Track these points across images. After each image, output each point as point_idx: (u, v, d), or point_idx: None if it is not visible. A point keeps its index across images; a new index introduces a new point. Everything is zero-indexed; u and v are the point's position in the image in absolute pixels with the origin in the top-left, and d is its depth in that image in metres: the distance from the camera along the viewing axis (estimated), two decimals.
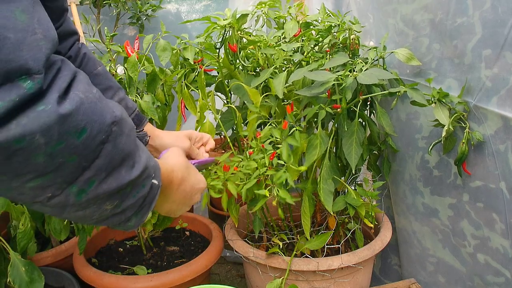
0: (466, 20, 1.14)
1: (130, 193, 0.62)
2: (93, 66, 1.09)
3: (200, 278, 1.54)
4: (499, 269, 1.26)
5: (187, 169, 0.86)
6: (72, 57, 1.04)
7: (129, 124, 0.62)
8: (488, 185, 1.22)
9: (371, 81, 1.14)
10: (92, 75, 1.07)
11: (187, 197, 0.86)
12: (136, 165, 0.62)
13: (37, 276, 1.36)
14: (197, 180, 0.89)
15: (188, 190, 0.85)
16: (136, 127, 1.11)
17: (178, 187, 0.81)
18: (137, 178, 0.61)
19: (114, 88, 1.11)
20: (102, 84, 1.08)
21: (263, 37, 1.47)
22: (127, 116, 0.62)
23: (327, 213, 1.49)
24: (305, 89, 1.24)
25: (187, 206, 0.89)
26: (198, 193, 0.90)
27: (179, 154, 0.88)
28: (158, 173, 0.69)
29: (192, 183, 0.86)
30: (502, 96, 1.11)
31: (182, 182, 0.82)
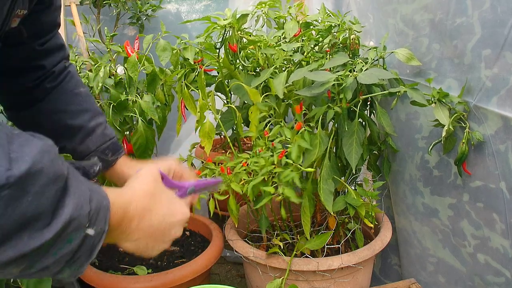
0: (466, 20, 1.14)
1: (47, 253, 0.52)
2: (75, 85, 1.04)
3: (200, 278, 1.54)
4: (499, 269, 1.26)
5: (153, 196, 0.71)
6: (55, 72, 1.00)
7: (47, 175, 0.50)
8: (488, 185, 1.22)
9: (371, 81, 1.14)
10: (72, 94, 1.02)
11: (158, 233, 0.71)
12: (53, 223, 0.51)
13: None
14: (170, 211, 0.73)
15: (157, 224, 0.70)
16: (109, 154, 1.03)
17: (139, 222, 0.67)
18: (54, 237, 0.51)
19: (92, 111, 1.04)
20: (80, 105, 1.03)
21: (263, 37, 1.47)
22: (48, 162, 0.51)
23: (327, 213, 1.49)
24: (305, 89, 1.24)
25: (162, 244, 0.74)
26: (175, 227, 0.75)
27: (146, 177, 0.73)
28: (103, 215, 0.58)
29: (162, 214, 0.71)
30: (502, 96, 1.11)
31: (144, 214, 0.68)
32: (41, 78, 0.99)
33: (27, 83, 0.98)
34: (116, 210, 0.62)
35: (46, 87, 0.99)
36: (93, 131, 1.02)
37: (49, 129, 0.99)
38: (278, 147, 1.20)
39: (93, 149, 1.02)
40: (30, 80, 0.98)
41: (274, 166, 1.17)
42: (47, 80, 1.00)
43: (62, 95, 1.01)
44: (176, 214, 0.75)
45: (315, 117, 1.27)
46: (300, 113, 1.24)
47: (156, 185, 0.73)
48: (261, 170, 1.19)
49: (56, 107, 1.01)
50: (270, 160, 1.18)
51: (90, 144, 1.02)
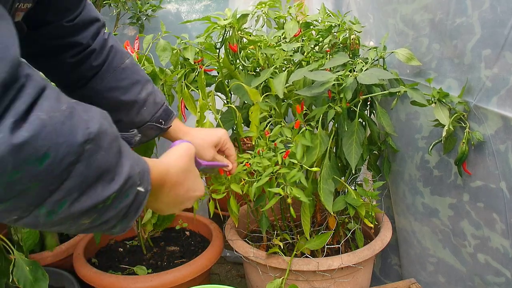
0: (466, 20, 1.14)
1: (111, 205, 0.59)
2: (120, 59, 1.05)
3: (200, 278, 1.54)
4: (500, 269, 1.26)
5: (185, 172, 0.82)
6: (96, 50, 1.00)
7: (110, 136, 0.57)
8: (489, 185, 1.22)
9: (371, 81, 1.14)
10: (119, 69, 1.03)
11: (178, 201, 0.83)
12: (116, 178, 0.58)
13: (42, 275, 1.36)
14: (194, 186, 0.85)
15: (181, 194, 0.81)
16: (163, 122, 1.09)
17: (170, 190, 0.78)
18: (118, 190, 0.58)
19: (141, 81, 1.07)
20: (129, 79, 1.04)
21: (263, 37, 1.47)
22: (108, 125, 0.58)
23: (327, 213, 1.49)
24: (306, 89, 1.24)
25: (177, 209, 0.86)
26: (191, 200, 0.86)
27: (183, 153, 0.83)
28: (147, 177, 0.66)
29: (187, 189, 0.83)
30: (502, 96, 1.11)
31: (175, 185, 0.79)
32: (82, 54, 0.99)
33: (68, 59, 0.98)
34: (155, 176, 0.70)
35: (92, 65, 1.00)
36: (145, 102, 1.06)
37: (105, 106, 0.98)
38: (280, 147, 1.20)
39: (149, 119, 1.07)
40: (70, 56, 0.98)
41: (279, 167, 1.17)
42: (91, 58, 1.00)
43: (111, 73, 1.02)
44: (196, 190, 0.85)
45: (316, 117, 1.27)
46: (300, 113, 1.24)
47: (190, 162, 0.84)
48: (264, 170, 1.19)
49: (107, 85, 1.02)
50: (273, 160, 1.18)
51: (145, 114, 1.06)
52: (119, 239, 1.85)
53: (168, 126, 1.11)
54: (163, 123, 1.10)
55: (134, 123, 1.06)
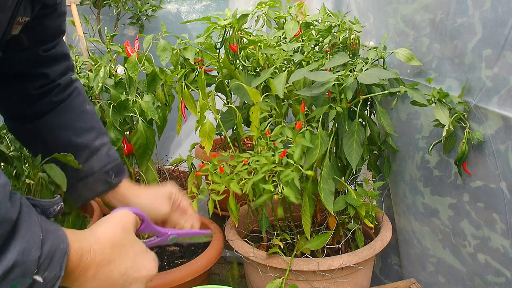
0: (467, 20, 1.14)
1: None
2: (82, 102, 1.02)
3: (200, 278, 1.54)
4: (500, 269, 1.26)
5: (117, 248, 0.65)
6: (61, 85, 0.99)
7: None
8: (489, 185, 1.22)
9: (372, 81, 1.14)
10: (79, 111, 1.01)
11: (117, 287, 0.66)
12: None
13: None
14: (136, 265, 0.68)
15: (116, 277, 0.65)
16: (113, 176, 1.00)
17: (96, 273, 0.62)
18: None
19: (98, 130, 1.02)
20: (85, 123, 1.01)
21: (263, 37, 1.47)
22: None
23: (327, 213, 1.49)
24: (306, 89, 1.24)
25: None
26: (137, 283, 0.69)
27: (117, 224, 0.68)
28: (58, 260, 0.55)
29: (124, 270, 0.66)
30: (503, 96, 1.11)
31: (102, 266, 0.63)
32: (46, 87, 0.97)
33: (32, 90, 0.96)
34: (72, 256, 0.58)
35: (52, 100, 0.98)
36: (97, 151, 1.00)
37: (53, 145, 0.97)
38: (280, 146, 1.20)
39: (97, 170, 0.99)
40: (34, 87, 0.96)
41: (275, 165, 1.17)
42: (53, 93, 0.98)
43: (69, 111, 0.99)
44: (141, 270, 0.69)
45: (316, 117, 1.27)
46: (303, 113, 1.24)
47: (124, 235, 0.68)
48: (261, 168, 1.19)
49: (61, 123, 0.98)
50: (271, 159, 1.18)
51: (94, 164, 0.99)
52: None
53: (118, 181, 1.01)
54: (113, 176, 1.00)
55: (79, 171, 0.98)
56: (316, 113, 1.27)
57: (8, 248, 0.50)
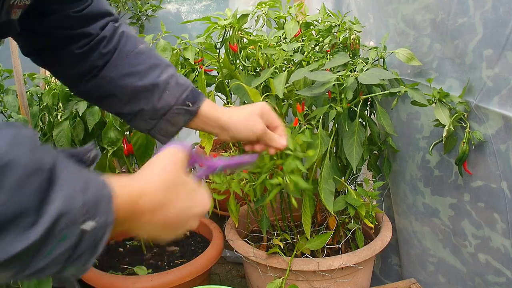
0: (467, 20, 1.14)
1: (38, 254, 0.46)
2: (133, 44, 0.96)
3: (200, 278, 1.54)
4: (500, 269, 1.26)
5: (172, 189, 0.63)
6: (106, 37, 0.93)
7: (24, 168, 0.44)
8: (489, 184, 1.22)
9: (372, 81, 1.14)
10: (133, 54, 0.95)
11: (173, 226, 0.64)
12: (39, 221, 0.45)
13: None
14: (192, 202, 0.66)
15: (173, 217, 0.63)
16: (190, 105, 0.95)
17: (153, 216, 0.60)
18: (43, 236, 0.45)
19: (160, 65, 0.96)
20: (145, 63, 0.95)
21: (263, 37, 1.47)
22: (24, 153, 0.45)
23: (328, 213, 1.49)
24: (306, 89, 1.24)
25: (175, 233, 0.67)
26: (193, 219, 0.67)
27: (166, 164, 0.65)
28: (105, 206, 0.52)
29: (180, 209, 0.64)
30: (503, 96, 1.11)
31: (158, 209, 0.60)
32: (91, 44, 0.92)
33: (77, 50, 0.92)
34: (122, 202, 0.55)
35: (102, 52, 0.93)
36: (167, 84, 0.95)
37: (122, 95, 0.93)
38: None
39: (173, 103, 0.94)
40: (78, 47, 0.92)
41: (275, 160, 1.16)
42: (101, 46, 0.93)
43: (124, 59, 0.94)
44: (196, 206, 0.67)
45: (316, 117, 1.27)
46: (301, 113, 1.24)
47: (176, 174, 0.65)
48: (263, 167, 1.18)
49: (120, 72, 0.94)
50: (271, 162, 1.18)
51: (169, 98, 0.94)
52: (119, 239, 1.85)
53: (197, 106, 0.95)
54: (191, 106, 0.95)
55: (157, 110, 0.94)
56: (317, 113, 1.27)
57: (50, 198, 0.46)
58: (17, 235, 0.43)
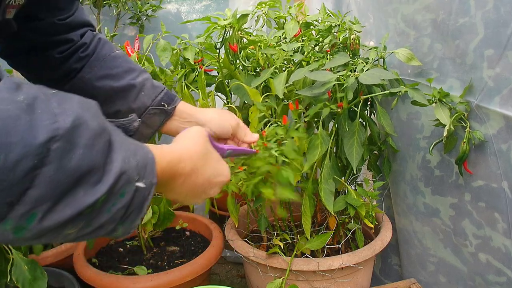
0: (468, 20, 1.14)
1: (101, 210, 0.51)
2: (109, 49, 1.01)
3: (200, 278, 1.53)
4: (501, 269, 1.26)
5: (203, 157, 0.72)
6: (86, 43, 0.98)
7: (92, 129, 0.49)
8: (490, 184, 1.22)
9: (373, 81, 1.14)
10: (110, 57, 0.99)
11: (199, 191, 0.73)
12: (104, 178, 0.49)
13: (40, 274, 1.36)
14: (217, 171, 0.75)
15: (201, 183, 0.72)
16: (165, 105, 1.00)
17: (186, 180, 0.69)
18: (108, 192, 0.50)
19: (136, 69, 1.01)
20: (121, 67, 0.99)
21: (263, 37, 1.46)
22: (90, 116, 0.49)
23: (328, 213, 1.49)
24: (306, 89, 1.24)
25: (199, 199, 0.76)
26: (215, 187, 0.76)
27: (196, 136, 0.74)
28: (150, 168, 0.58)
29: (208, 176, 0.73)
30: (504, 96, 1.11)
31: (192, 174, 0.69)
32: (71, 50, 0.97)
33: (56, 55, 0.96)
34: (163, 166, 0.62)
35: (80, 56, 0.97)
36: (143, 86, 0.99)
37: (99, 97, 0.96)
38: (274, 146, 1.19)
39: (149, 103, 0.99)
40: (58, 52, 0.96)
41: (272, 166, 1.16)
42: (80, 50, 0.97)
43: (100, 61, 0.98)
44: (220, 176, 0.76)
45: (309, 116, 1.27)
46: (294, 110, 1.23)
47: (205, 145, 0.74)
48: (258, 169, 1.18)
49: (97, 74, 0.98)
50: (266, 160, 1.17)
51: (144, 99, 0.99)
52: (119, 239, 1.85)
53: (173, 107, 1.01)
54: (166, 106, 1.00)
55: (133, 110, 0.99)
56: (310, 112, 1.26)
57: (112, 158, 0.51)
58: (87, 190, 0.47)
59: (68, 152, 0.45)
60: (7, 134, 0.41)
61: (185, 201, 0.76)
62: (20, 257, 1.36)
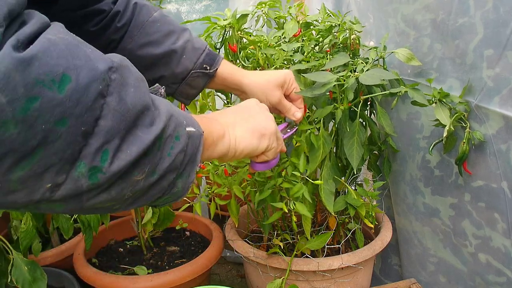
0: (468, 20, 1.14)
1: (162, 152, 0.51)
2: (146, 14, 0.98)
3: (200, 278, 1.53)
4: (501, 269, 1.26)
5: (244, 109, 0.77)
6: (120, 11, 0.95)
7: (135, 73, 0.50)
8: (490, 184, 1.22)
9: (373, 81, 1.14)
10: (147, 24, 0.97)
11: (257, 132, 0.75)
12: (156, 119, 0.50)
13: (40, 275, 1.36)
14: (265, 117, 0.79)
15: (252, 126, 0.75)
16: (208, 67, 1.01)
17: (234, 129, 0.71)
18: (162, 131, 0.50)
19: (176, 31, 0.99)
20: (160, 31, 0.98)
21: (263, 37, 1.46)
22: (131, 64, 0.50)
23: (328, 213, 1.49)
24: (307, 90, 1.24)
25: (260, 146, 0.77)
26: (265, 137, 0.78)
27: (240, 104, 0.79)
28: (190, 119, 0.58)
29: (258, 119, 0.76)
30: (504, 96, 1.11)
31: (235, 123, 0.73)
32: (105, 21, 0.94)
33: (92, 28, 0.93)
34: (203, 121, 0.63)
35: (117, 26, 0.95)
36: (184, 49, 0.99)
37: (142, 65, 0.93)
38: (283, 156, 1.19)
39: (191, 67, 1.00)
40: (93, 25, 0.93)
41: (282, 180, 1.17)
42: (116, 20, 0.95)
43: (139, 29, 0.97)
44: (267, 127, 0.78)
45: (318, 118, 1.27)
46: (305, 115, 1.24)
47: (251, 102, 0.80)
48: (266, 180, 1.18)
49: (138, 43, 0.97)
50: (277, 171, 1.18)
51: (186, 63, 0.99)
52: (119, 239, 1.85)
53: (215, 69, 1.02)
54: (208, 68, 1.01)
55: (176, 75, 1.00)
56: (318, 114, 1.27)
57: (156, 103, 0.52)
58: (144, 131, 0.48)
59: (124, 86, 0.46)
60: (73, 57, 0.41)
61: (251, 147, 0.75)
62: (20, 258, 1.36)
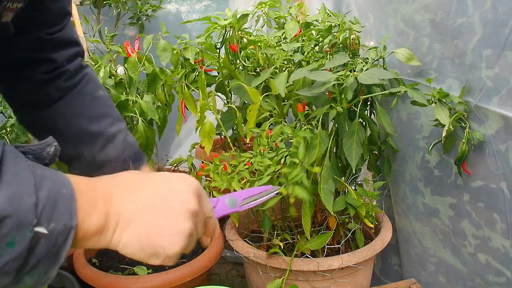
0: (467, 20, 1.14)
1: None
2: (94, 87, 0.97)
3: (200, 278, 1.53)
4: (500, 269, 1.26)
5: (134, 179, 0.59)
6: (70, 71, 0.93)
7: None
8: (489, 185, 1.22)
9: (372, 81, 1.14)
10: (92, 97, 0.95)
11: (155, 211, 0.57)
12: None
13: None
14: (165, 180, 0.60)
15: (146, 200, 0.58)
16: (132, 164, 0.95)
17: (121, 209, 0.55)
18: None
19: (113, 116, 0.97)
20: (99, 110, 0.95)
21: (263, 37, 1.47)
22: None
23: (328, 213, 1.49)
24: (306, 89, 1.24)
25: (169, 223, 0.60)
26: (178, 195, 0.59)
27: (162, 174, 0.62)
28: (64, 207, 0.47)
29: (153, 188, 0.58)
30: (503, 96, 1.11)
31: (124, 197, 0.56)
32: (54, 73, 0.92)
33: (38, 75, 0.91)
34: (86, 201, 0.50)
35: (61, 86, 0.93)
36: (113, 138, 0.94)
37: (67, 134, 0.93)
38: (282, 146, 1.19)
39: (114, 158, 0.94)
40: (40, 72, 0.91)
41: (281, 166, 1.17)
42: (62, 78, 0.93)
43: (80, 98, 0.94)
44: (174, 182, 0.60)
45: (317, 117, 1.27)
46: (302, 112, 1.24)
47: (174, 185, 0.61)
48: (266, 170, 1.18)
49: (73, 110, 0.93)
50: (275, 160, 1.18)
51: (111, 152, 0.93)
52: None
53: (136, 168, 0.95)
54: (131, 164, 0.94)
55: (95, 160, 0.93)
56: (317, 113, 1.27)
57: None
58: None
59: None
60: None
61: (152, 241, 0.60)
62: None
